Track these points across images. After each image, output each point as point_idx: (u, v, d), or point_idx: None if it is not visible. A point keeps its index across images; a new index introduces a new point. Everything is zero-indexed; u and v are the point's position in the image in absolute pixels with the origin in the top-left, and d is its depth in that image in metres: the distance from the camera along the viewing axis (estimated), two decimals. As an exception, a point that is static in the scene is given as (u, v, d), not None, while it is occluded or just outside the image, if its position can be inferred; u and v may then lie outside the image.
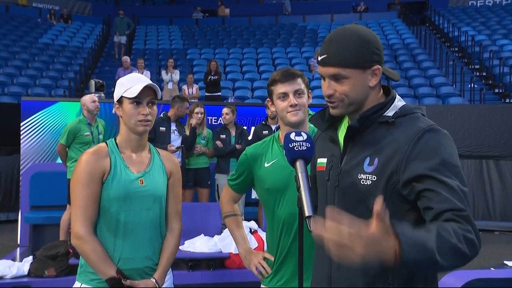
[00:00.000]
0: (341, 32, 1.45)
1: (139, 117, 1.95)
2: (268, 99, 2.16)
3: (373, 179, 1.39)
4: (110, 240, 1.94)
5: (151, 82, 1.99)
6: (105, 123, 6.06)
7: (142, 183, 1.98)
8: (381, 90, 1.52)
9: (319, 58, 1.47)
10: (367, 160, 1.42)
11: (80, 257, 2.00)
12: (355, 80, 1.43)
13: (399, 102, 1.49)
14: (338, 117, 1.56)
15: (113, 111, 2.04)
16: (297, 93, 2.04)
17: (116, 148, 2.01)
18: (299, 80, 2.06)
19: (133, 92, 1.93)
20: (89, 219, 1.92)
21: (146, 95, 1.96)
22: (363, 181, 1.41)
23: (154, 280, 1.99)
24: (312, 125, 2.09)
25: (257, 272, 2.10)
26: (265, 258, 2.09)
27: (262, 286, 2.10)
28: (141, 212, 1.97)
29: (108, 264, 1.91)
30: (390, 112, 1.46)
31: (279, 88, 2.05)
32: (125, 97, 1.96)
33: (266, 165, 2.10)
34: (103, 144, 2.04)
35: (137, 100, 1.95)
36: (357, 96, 1.45)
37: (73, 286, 2.02)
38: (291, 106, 2.03)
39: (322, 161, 1.56)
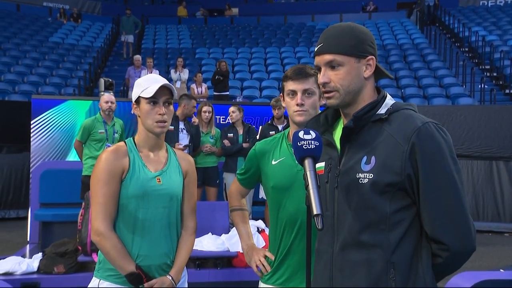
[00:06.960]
0: (337, 25, 1.52)
1: (156, 117, 2.01)
2: (280, 94, 2.15)
3: (370, 177, 1.42)
4: (128, 237, 1.99)
5: (167, 82, 2.03)
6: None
7: (160, 181, 2.04)
8: (375, 89, 1.55)
9: (315, 49, 1.50)
10: (364, 159, 1.44)
11: (99, 253, 2.05)
12: (350, 68, 1.47)
13: (390, 101, 1.52)
14: (333, 121, 1.59)
15: (132, 111, 2.14)
16: (306, 92, 1.99)
17: (134, 147, 2.07)
18: (311, 80, 1.99)
19: (150, 92, 1.99)
20: (108, 216, 1.97)
21: (162, 95, 2.02)
22: (361, 180, 1.43)
23: (170, 278, 2.02)
24: None
25: (257, 270, 2.10)
26: (265, 256, 2.09)
27: (260, 283, 2.09)
28: (158, 210, 2.02)
29: (128, 260, 1.96)
30: (382, 110, 1.49)
31: (289, 85, 2.02)
32: (142, 97, 2.02)
33: (273, 162, 2.07)
34: (121, 143, 2.10)
35: (153, 100, 2.00)
36: (351, 85, 1.47)
37: (91, 284, 2.05)
38: (297, 105, 1.98)
39: (320, 165, 1.57)
